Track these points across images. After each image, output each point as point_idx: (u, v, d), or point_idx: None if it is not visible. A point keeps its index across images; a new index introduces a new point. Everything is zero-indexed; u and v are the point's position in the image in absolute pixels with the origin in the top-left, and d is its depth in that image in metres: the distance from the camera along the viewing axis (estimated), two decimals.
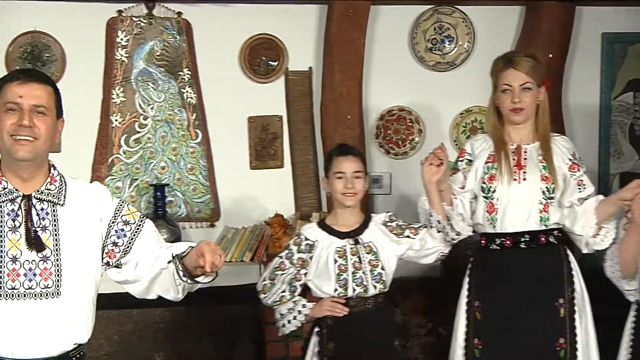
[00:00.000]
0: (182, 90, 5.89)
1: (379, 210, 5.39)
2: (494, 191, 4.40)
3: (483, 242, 4.47)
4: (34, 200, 3.27)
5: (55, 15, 5.67)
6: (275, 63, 5.97)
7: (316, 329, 4.48)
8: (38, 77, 3.33)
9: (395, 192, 6.04)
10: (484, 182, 4.43)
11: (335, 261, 4.41)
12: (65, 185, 3.36)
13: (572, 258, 4.46)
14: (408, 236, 4.48)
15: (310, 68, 6.01)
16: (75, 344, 3.28)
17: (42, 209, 3.27)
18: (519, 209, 4.37)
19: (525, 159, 4.41)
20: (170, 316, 5.46)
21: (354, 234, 4.45)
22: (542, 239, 4.39)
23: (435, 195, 4.38)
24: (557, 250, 4.45)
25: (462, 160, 4.53)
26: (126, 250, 3.40)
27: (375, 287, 4.38)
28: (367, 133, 6.01)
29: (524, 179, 4.36)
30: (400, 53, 6.07)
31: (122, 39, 5.80)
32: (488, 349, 4.40)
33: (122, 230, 3.42)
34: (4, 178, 3.25)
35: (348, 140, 5.51)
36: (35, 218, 3.25)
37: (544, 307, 4.37)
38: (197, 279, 3.29)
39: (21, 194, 3.25)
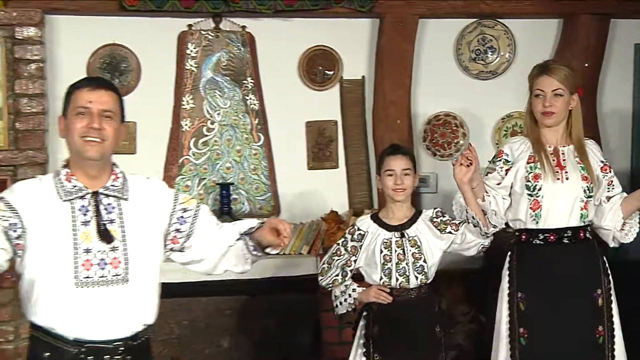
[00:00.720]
0: (245, 97, 5.90)
1: (426, 207, 5.29)
2: (539, 189, 4.40)
3: (523, 237, 4.48)
4: (101, 196, 3.33)
5: (132, 30, 5.74)
6: (331, 72, 5.99)
7: (364, 313, 4.55)
8: (106, 84, 3.41)
9: (440, 190, 6.05)
10: (529, 181, 4.43)
11: (381, 251, 4.45)
12: (127, 181, 3.41)
13: (602, 252, 4.51)
14: (450, 232, 4.49)
15: (363, 77, 6.04)
16: (144, 325, 3.36)
17: (108, 204, 3.33)
18: (562, 206, 4.39)
19: (564, 160, 4.43)
20: (235, 304, 5.50)
21: (401, 228, 4.47)
22: (581, 234, 4.41)
23: (469, 193, 4.37)
24: (593, 245, 4.48)
25: (499, 160, 4.51)
26: (189, 235, 3.45)
27: (417, 278, 4.42)
28: (415, 136, 6.06)
29: (567, 179, 4.37)
30: (446, 63, 6.12)
31: (191, 51, 5.84)
32: (534, 338, 4.42)
33: (182, 217, 3.45)
34: (73, 177, 3.31)
35: (397, 143, 5.39)
36: (103, 212, 3.31)
37: (584, 298, 4.41)
38: (266, 251, 3.36)
39: (90, 191, 3.30)
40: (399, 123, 5.90)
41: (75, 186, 3.29)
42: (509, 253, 4.56)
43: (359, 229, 4.53)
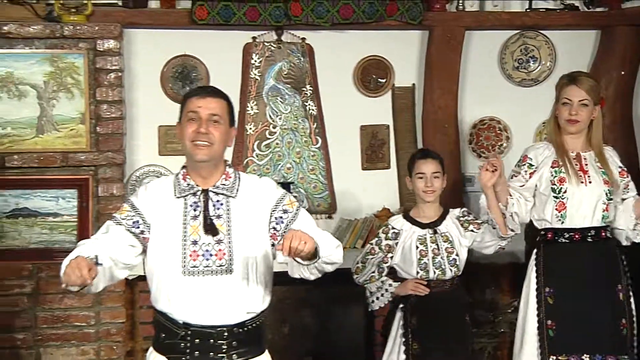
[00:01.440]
0: (305, 103, 5.92)
1: (472, 205, 5.37)
2: (565, 192, 4.44)
3: (549, 236, 4.52)
4: (211, 194, 3.39)
5: (201, 41, 5.77)
6: (384, 80, 5.99)
7: (401, 306, 4.60)
8: (214, 92, 3.47)
9: None
10: (554, 184, 4.47)
11: (417, 247, 4.55)
12: (239, 180, 3.47)
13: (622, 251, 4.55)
14: (472, 230, 4.60)
15: (413, 84, 6.03)
16: (249, 313, 3.38)
17: (217, 201, 3.39)
18: (586, 207, 4.43)
19: (586, 164, 4.48)
20: (295, 294, 5.52)
21: (433, 225, 4.59)
22: (603, 234, 4.47)
23: (492, 196, 4.42)
24: (613, 244, 4.54)
25: (524, 164, 4.57)
26: (282, 235, 3.41)
27: (451, 270, 4.53)
28: (462, 139, 6.05)
29: (590, 182, 4.43)
30: (490, 71, 6.10)
31: (255, 61, 5.85)
32: (562, 329, 4.45)
33: (281, 217, 3.44)
34: (188, 176, 3.40)
35: (445, 145, 5.71)
36: (211, 208, 3.37)
37: (608, 292, 4.45)
38: (299, 261, 3.25)
39: (200, 189, 3.38)
40: (446, 127, 5.92)
41: (188, 184, 3.41)
42: (535, 250, 4.61)
43: (393, 228, 4.64)
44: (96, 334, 5.45)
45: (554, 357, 4.46)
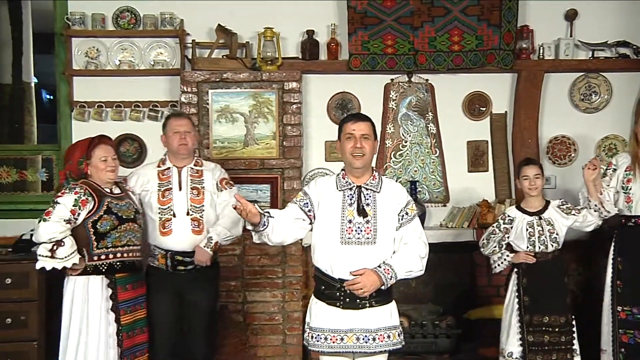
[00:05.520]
0: (427, 125, 6.25)
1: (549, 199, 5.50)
2: (630, 189, 4.75)
3: (623, 221, 4.84)
4: (362, 189, 3.64)
5: (355, 82, 6.17)
6: (484, 108, 6.28)
7: (515, 270, 4.86)
8: (363, 117, 3.76)
9: (558, 187, 6.27)
10: (624, 184, 4.77)
11: (527, 229, 4.79)
12: (382, 181, 3.72)
13: None
14: (574, 214, 4.81)
15: (506, 111, 6.31)
16: None
17: (367, 194, 3.63)
18: None
19: None
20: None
21: (538, 213, 4.81)
22: None
23: (592, 188, 4.69)
24: None
25: (609, 169, 4.88)
26: (397, 228, 3.66)
27: (552, 246, 4.76)
28: (541, 151, 6.28)
29: None
30: (562, 102, 6.34)
31: (392, 95, 6.22)
32: (626, 288, 4.78)
33: (403, 216, 3.66)
34: (346, 176, 3.69)
35: (528, 155, 5.81)
36: (363, 199, 3.61)
37: None
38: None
39: (355, 185, 3.65)
40: (530, 142, 6.18)
41: (347, 182, 3.69)
42: (615, 231, 4.90)
43: (509, 216, 4.89)
44: (282, 283, 5.88)
45: (621, 307, 4.75)
